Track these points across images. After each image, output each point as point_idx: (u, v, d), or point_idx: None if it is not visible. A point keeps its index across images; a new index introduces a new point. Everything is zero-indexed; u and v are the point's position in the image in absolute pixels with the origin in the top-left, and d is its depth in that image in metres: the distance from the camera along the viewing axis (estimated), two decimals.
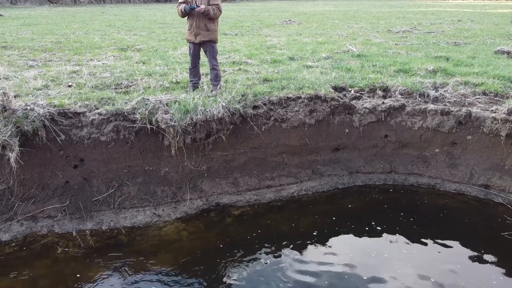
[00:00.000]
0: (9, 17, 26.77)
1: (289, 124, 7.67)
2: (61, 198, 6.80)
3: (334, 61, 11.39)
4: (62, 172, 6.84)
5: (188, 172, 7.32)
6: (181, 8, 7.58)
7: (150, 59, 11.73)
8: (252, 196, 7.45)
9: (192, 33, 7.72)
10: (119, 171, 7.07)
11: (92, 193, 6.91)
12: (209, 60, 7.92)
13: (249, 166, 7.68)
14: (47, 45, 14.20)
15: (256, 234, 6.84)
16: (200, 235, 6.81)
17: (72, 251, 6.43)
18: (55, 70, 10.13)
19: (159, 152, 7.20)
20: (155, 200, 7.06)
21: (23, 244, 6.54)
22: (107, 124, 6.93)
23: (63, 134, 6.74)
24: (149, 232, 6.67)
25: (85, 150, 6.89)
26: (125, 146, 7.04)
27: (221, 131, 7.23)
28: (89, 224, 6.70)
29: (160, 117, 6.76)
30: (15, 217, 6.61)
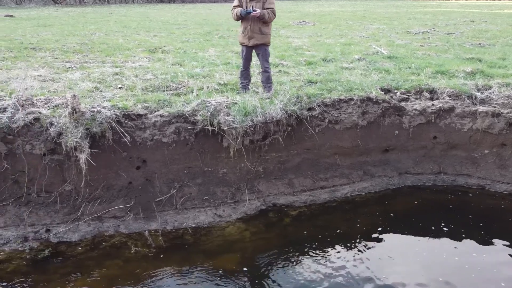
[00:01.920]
0: (20, 18, 26.85)
1: (342, 126, 7.88)
2: (125, 198, 6.96)
3: (368, 62, 11.56)
4: (126, 173, 7.01)
5: (245, 173, 7.50)
6: (236, 11, 7.75)
7: (184, 60, 11.88)
8: (307, 197, 7.63)
9: (246, 36, 7.90)
10: (179, 172, 7.25)
11: (155, 194, 7.08)
12: (262, 63, 8.12)
13: (303, 167, 7.88)
14: (75, 47, 14.33)
15: (314, 234, 7.01)
16: (261, 236, 6.96)
17: (142, 251, 6.62)
18: (96, 72, 10.25)
19: (217, 154, 7.39)
20: (215, 201, 7.23)
21: (92, 244, 6.68)
22: (169, 126, 7.11)
23: (125, 136, 6.80)
24: (213, 232, 6.83)
25: (147, 151, 7.07)
26: (185, 147, 7.22)
27: (277, 133, 7.39)
28: (154, 224, 6.86)
29: (222, 119, 6.94)
30: (82, 217, 6.78)
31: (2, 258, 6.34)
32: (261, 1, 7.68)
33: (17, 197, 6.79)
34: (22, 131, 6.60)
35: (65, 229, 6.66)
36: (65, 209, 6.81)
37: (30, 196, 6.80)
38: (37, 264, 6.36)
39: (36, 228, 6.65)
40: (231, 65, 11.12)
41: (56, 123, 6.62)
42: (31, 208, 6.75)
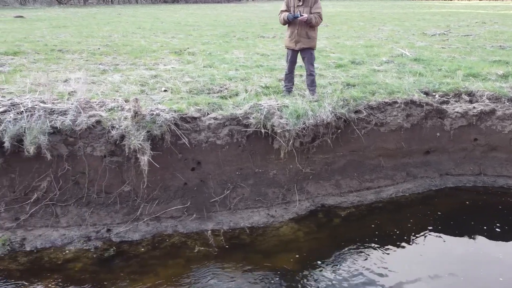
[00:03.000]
0: (31, 19, 27.01)
1: (387, 128, 8.18)
2: (182, 199, 7.24)
3: (397, 65, 11.85)
4: (181, 174, 7.29)
5: (294, 174, 7.79)
6: (283, 16, 8.03)
7: (214, 63, 12.14)
8: (355, 198, 7.92)
9: (292, 40, 8.19)
10: (231, 173, 7.53)
11: (209, 195, 7.36)
12: (307, 67, 8.41)
13: (349, 169, 8.18)
14: (100, 49, 14.57)
15: (364, 235, 7.29)
16: (314, 236, 7.25)
17: (203, 251, 6.91)
18: (134, 74, 10.49)
19: (267, 155, 7.67)
20: (267, 201, 7.51)
21: (153, 243, 6.92)
22: (223, 128, 7.39)
23: (184, 138, 7.10)
24: (268, 232, 7.11)
25: (202, 153, 7.35)
26: (237, 149, 7.51)
27: (326, 135, 7.68)
28: (210, 224, 7.14)
29: (276, 121, 7.23)
30: (140, 217, 7.05)
31: (69, 257, 6.55)
32: (308, 5, 7.95)
33: (78, 197, 7.03)
34: (84, 133, 6.80)
35: (125, 229, 6.90)
36: (125, 209, 7.05)
37: (91, 196, 7.04)
38: (103, 263, 6.59)
39: (97, 228, 6.89)
40: (263, 67, 11.37)
41: (117, 125, 6.81)
42: (92, 209, 6.99)
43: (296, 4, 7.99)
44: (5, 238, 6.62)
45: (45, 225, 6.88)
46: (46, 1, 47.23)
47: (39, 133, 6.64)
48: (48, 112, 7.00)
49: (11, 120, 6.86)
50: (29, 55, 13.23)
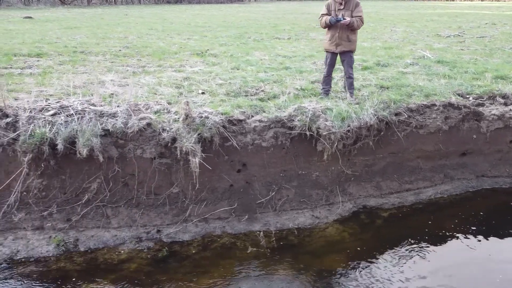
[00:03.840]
0: (39, 20, 27.08)
1: (425, 130, 8.37)
2: (229, 200, 7.42)
3: (422, 67, 12.04)
4: (228, 176, 7.45)
5: (336, 176, 7.99)
6: (325, 19, 8.22)
7: (240, 65, 12.31)
8: (395, 199, 8.11)
9: (333, 44, 8.38)
10: (276, 175, 7.72)
11: (255, 196, 7.54)
12: (346, 69, 8.59)
13: (389, 170, 8.37)
14: (121, 50, 14.73)
15: (407, 235, 7.48)
16: (359, 236, 7.42)
17: (253, 251, 7.09)
18: (165, 76, 10.67)
19: (310, 157, 7.86)
20: (311, 203, 7.70)
21: (203, 244, 7.09)
22: (268, 130, 7.57)
23: (231, 141, 7.29)
24: (314, 233, 7.30)
25: (248, 155, 7.52)
26: (281, 151, 7.69)
27: (368, 137, 7.87)
28: (257, 225, 7.33)
29: (322, 124, 7.42)
30: (189, 218, 7.22)
31: (124, 258, 6.72)
32: (350, 9, 8.12)
33: (128, 199, 7.19)
34: (135, 136, 6.96)
35: (175, 230, 7.08)
36: (174, 210, 7.23)
37: (140, 198, 7.20)
38: (157, 264, 6.75)
39: (147, 229, 7.07)
40: (291, 69, 11.56)
41: (168, 128, 6.97)
42: (142, 210, 7.17)
43: (337, 8, 8.16)
44: (59, 238, 6.75)
45: (97, 226, 7.00)
46: (50, 2, 47.22)
47: (91, 136, 6.78)
48: (98, 115, 7.06)
49: (62, 123, 6.90)
50: (52, 57, 13.42)
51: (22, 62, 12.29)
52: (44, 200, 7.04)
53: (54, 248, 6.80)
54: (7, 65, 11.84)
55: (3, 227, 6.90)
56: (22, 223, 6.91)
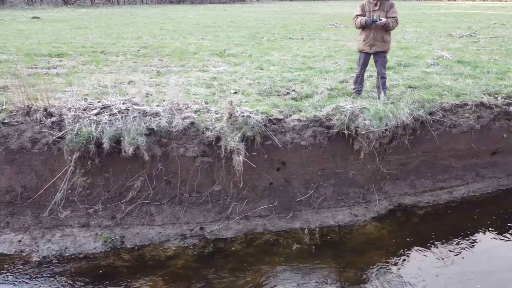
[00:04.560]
0: (47, 20, 27.27)
1: (458, 129, 8.60)
2: (269, 198, 7.62)
3: (444, 67, 12.26)
4: (267, 174, 7.66)
5: (371, 174, 8.20)
6: (360, 20, 8.43)
7: (262, 65, 12.50)
8: (430, 197, 8.32)
9: (367, 44, 8.59)
10: (313, 173, 7.93)
11: (294, 194, 7.75)
12: (379, 69, 8.81)
13: (422, 169, 8.59)
14: (139, 51, 14.89)
15: (442, 233, 7.65)
16: (397, 234, 7.59)
17: (297, 248, 7.29)
18: (192, 76, 10.90)
19: (346, 156, 8.07)
20: (349, 201, 7.91)
21: (246, 241, 7.26)
22: (307, 129, 7.78)
23: (270, 140, 7.50)
24: (354, 230, 7.50)
25: (287, 154, 7.73)
26: (319, 150, 7.90)
27: (404, 136, 8.09)
28: (298, 223, 7.53)
29: (361, 123, 7.63)
30: (231, 216, 7.42)
31: (170, 254, 6.90)
32: (385, 10, 8.33)
33: (171, 197, 7.37)
34: (179, 134, 7.16)
35: (218, 227, 7.27)
36: (216, 208, 7.42)
37: (183, 196, 7.39)
38: (204, 260, 6.91)
39: (191, 226, 7.27)
40: (315, 69, 11.76)
41: (211, 127, 7.17)
42: (185, 207, 7.35)
43: (372, 9, 8.36)
44: (105, 235, 6.94)
45: (141, 224, 7.17)
46: (53, 1, 47.39)
47: (137, 134, 6.93)
48: (141, 114, 7.25)
49: (107, 122, 7.10)
50: (74, 57, 13.64)
51: (45, 62, 12.44)
52: (89, 198, 7.19)
53: (102, 245, 6.94)
54: (31, 65, 12.00)
55: (50, 224, 7.06)
56: (68, 220, 7.07)
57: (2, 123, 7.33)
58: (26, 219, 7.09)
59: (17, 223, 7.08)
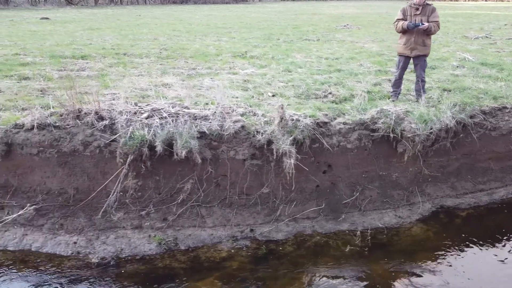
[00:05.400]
0: (56, 20, 27.39)
1: (498, 132, 8.81)
2: (316, 201, 7.82)
3: (470, 69, 12.47)
4: (314, 176, 7.86)
5: (413, 176, 8.41)
6: (401, 24, 8.64)
7: (288, 67, 12.69)
8: (471, 199, 8.53)
9: (408, 48, 8.81)
10: (358, 176, 8.13)
11: (340, 196, 7.95)
12: (419, 73, 9.02)
13: (462, 171, 8.80)
14: (162, 53, 15.06)
15: (487, 234, 7.82)
16: (442, 235, 7.77)
17: (348, 250, 7.48)
18: (225, 78, 11.09)
19: (389, 158, 8.28)
20: (393, 203, 8.11)
21: (296, 242, 7.45)
22: (352, 132, 7.99)
23: (317, 142, 7.71)
24: (401, 232, 7.69)
25: (333, 156, 7.93)
26: (363, 152, 8.11)
27: (446, 139, 8.31)
28: (345, 225, 7.74)
29: (407, 126, 7.84)
30: (280, 218, 7.61)
31: (225, 256, 7.07)
32: (426, 14, 8.54)
33: (221, 199, 7.56)
34: (229, 138, 7.36)
35: (268, 229, 7.46)
36: (265, 210, 7.61)
37: (232, 198, 7.57)
38: (258, 262, 7.06)
39: (241, 228, 7.45)
40: (343, 72, 11.94)
41: (262, 130, 7.38)
42: (235, 210, 7.53)
43: (413, 13, 8.57)
44: (159, 237, 7.11)
45: (193, 225, 7.36)
46: (56, 2, 47.48)
47: (189, 138, 7.09)
48: (192, 117, 7.45)
49: (158, 125, 7.29)
50: (98, 59, 13.84)
51: (72, 65, 12.62)
52: (140, 200, 7.36)
53: (156, 246, 7.10)
54: (60, 67, 12.14)
55: (103, 226, 7.23)
56: (121, 222, 7.24)
57: (53, 126, 7.29)
58: (80, 221, 7.22)
59: (71, 225, 7.20)
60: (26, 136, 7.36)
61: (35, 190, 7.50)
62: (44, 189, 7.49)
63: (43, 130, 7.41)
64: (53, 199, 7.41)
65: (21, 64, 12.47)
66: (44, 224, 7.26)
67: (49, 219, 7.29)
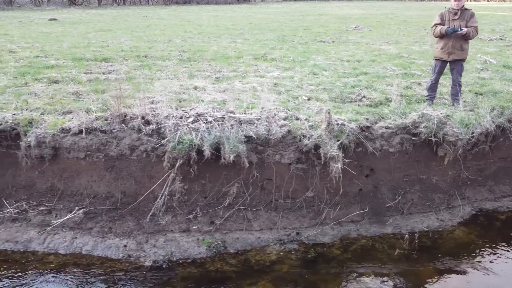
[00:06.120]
0: (64, 22, 27.50)
1: None
2: (360, 204, 7.98)
3: (495, 72, 12.66)
4: (357, 180, 8.03)
5: (453, 180, 8.58)
6: (440, 29, 8.81)
7: (313, 70, 12.86)
8: (509, 203, 8.69)
9: (445, 52, 8.98)
10: (399, 179, 8.30)
11: (383, 200, 8.11)
12: (455, 77, 9.19)
13: (500, 175, 8.97)
14: (182, 55, 15.19)
15: None
16: (485, 238, 7.91)
17: (396, 253, 7.63)
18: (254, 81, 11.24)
19: (429, 162, 8.45)
20: (435, 206, 8.27)
21: (342, 246, 7.59)
22: (395, 136, 8.16)
23: (360, 147, 7.88)
24: (444, 235, 7.83)
25: (376, 160, 8.10)
26: (404, 156, 8.27)
27: (485, 143, 8.49)
28: (389, 228, 7.89)
29: (450, 131, 8.01)
30: (324, 221, 7.77)
31: (274, 259, 7.21)
32: (465, 19, 8.71)
33: (266, 203, 7.71)
34: (275, 142, 7.52)
35: (314, 232, 7.62)
36: (310, 214, 7.77)
37: (278, 202, 7.72)
38: (307, 265, 7.18)
39: (287, 231, 7.60)
40: (370, 75, 12.10)
41: (308, 135, 7.54)
42: (280, 213, 7.68)
43: (452, 18, 8.74)
44: (208, 241, 7.26)
45: (239, 229, 7.50)
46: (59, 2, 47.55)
47: (237, 142, 7.23)
48: (238, 122, 7.60)
49: (205, 129, 7.44)
50: (121, 62, 13.99)
51: (97, 67, 12.77)
52: (187, 203, 7.51)
53: (206, 250, 7.21)
54: (86, 70, 12.24)
55: (152, 229, 7.37)
56: (169, 226, 7.39)
57: (99, 131, 7.43)
58: (128, 225, 7.34)
59: (119, 228, 7.33)
60: (74, 140, 7.45)
61: (82, 194, 7.56)
62: (91, 192, 7.54)
63: (90, 134, 7.43)
64: (100, 203, 7.50)
65: (46, 67, 12.58)
66: (93, 228, 7.33)
67: (98, 222, 7.36)
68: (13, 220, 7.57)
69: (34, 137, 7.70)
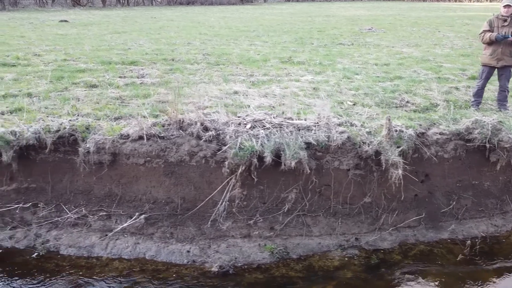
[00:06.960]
0: (75, 23, 27.61)
1: None
2: (416, 210, 8.13)
3: None
4: (413, 186, 8.19)
5: (503, 185, 8.75)
6: (489, 36, 8.98)
7: (346, 74, 12.96)
8: None
9: (494, 58, 9.15)
10: (453, 185, 8.45)
11: (438, 205, 8.26)
12: (503, 83, 9.36)
13: None
14: (207, 59, 15.33)
15: None
16: None
17: (458, 259, 7.81)
18: (292, 86, 11.40)
19: (481, 168, 8.61)
20: (488, 211, 8.43)
21: (402, 251, 7.76)
22: (449, 142, 8.32)
23: (416, 153, 8.04)
24: (500, 240, 8.01)
25: (430, 166, 8.26)
26: (457, 162, 8.43)
27: None
28: (446, 233, 8.04)
29: (506, 137, 8.18)
30: (382, 227, 7.92)
31: (337, 265, 7.37)
32: None
33: (325, 208, 7.85)
34: (334, 148, 7.67)
35: (373, 238, 7.75)
36: (368, 219, 7.91)
37: (336, 207, 7.87)
38: (371, 271, 7.35)
39: (346, 237, 7.74)
40: (404, 79, 12.25)
41: (368, 141, 7.69)
42: (339, 219, 7.83)
43: (501, 25, 8.91)
44: (269, 246, 7.40)
45: (299, 234, 7.64)
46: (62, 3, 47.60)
47: (298, 148, 7.37)
48: (296, 128, 7.75)
49: (264, 136, 7.57)
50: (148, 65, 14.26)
51: (128, 71, 12.87)
52: (246, 209, 7.63)
53: (269, 255, 7.32)
54: (119, 74, 12.31)
55: (213, 235, 7.50)
56: (230, 231, 7.50)
57: (158, 137, 7.55)
58: (190, 230, 7.46)
59: (181, 233, 7.46)
60: (134, 146, 7.54)
61: (141, 199, 7.67)
62: (150, 198, 7.64)
63: (149, 140, 7.50)
64: (160, 208, 7.60)
65: (78, 70, 12.73)
66: (155, 233, 7.43)
67: (159, 228, 7.46)
68: (74, 225, 7.67)
69: (93, 143, 7.80)
